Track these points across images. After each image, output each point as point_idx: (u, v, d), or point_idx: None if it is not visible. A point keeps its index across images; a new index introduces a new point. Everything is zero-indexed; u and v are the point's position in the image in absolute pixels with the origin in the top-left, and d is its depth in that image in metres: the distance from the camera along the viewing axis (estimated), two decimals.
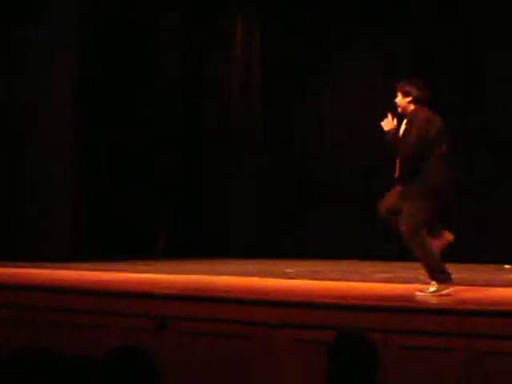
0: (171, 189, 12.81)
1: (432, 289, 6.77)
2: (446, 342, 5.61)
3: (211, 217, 12.41)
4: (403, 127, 7.06)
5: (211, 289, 7.62)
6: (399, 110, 7.13)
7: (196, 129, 12.88)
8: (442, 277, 6.78)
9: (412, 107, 7.04)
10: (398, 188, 7.02)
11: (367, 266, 10.10)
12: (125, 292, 7.23)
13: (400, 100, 7.08)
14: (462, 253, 10.16)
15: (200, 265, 10.46)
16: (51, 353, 3.94)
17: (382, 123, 7.03)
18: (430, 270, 6.86)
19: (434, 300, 6.48)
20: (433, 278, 6.82)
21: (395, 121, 7.02)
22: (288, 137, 12.24)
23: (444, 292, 6.70)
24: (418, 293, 6.82)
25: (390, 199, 7.10)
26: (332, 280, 8.29)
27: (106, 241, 11.98)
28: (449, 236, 7.07)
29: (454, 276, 6.81)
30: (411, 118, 7.02)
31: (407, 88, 7.06)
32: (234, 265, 10.50)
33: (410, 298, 6.59)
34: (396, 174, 6.99)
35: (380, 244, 10.47)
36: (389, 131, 7.00)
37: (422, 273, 8.80)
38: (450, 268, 6.81)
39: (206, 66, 12.89)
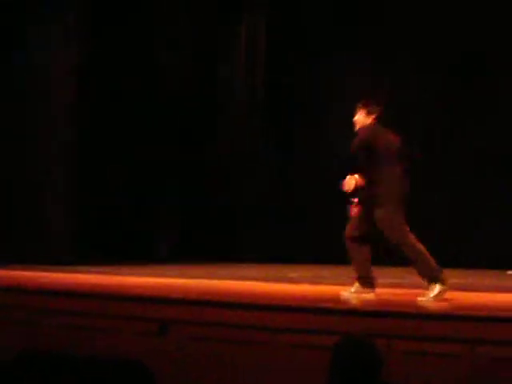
0: (173, 192, 12.78)
1: (432, 293, 6.74)
2: (450, 348, 5.57)
3: (215, 221, 12.39)
4: None
5: (213, 293, 7.59)
6: (357, 126, 7.19)
7: (198, 131, 12.85)
8: (440, 276, 6.77)
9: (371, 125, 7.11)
10: (359, 209, 7.06)
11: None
12: (127, 295, 7.21)
13: (361, 118, 7.13)
14: (464, 258, 10.22)
15: (203, 269, 10.44)
16: (55, 354, 3.95)
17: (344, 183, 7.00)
18: (427, 272, 6.80)
19: (437, 305, 6.46)
20: (431, 281, 6.77)
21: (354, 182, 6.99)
22: (293, 139, 12.22)
23: (444, 294, 6.71)
24: (420, 298, 6.78)
25: (354, 225, 7.13)
26: (335, 285, 8.25)
27: (108, 245, 11.98)
28: None
29: (457, 281, 6.80)
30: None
31: (370, 107, 7.13)
32: (237, 269, 10.48)
33: (415, 304, 6.55)
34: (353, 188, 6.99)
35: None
36: (347, 191, 7.00)
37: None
38: (453, 273, 6.79)
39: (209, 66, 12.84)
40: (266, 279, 8.87)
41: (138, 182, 12.54)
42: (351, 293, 7.14)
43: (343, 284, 8.26)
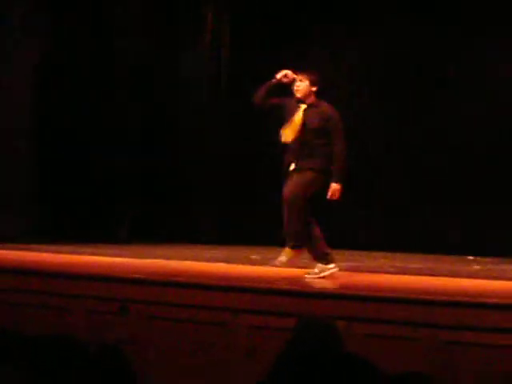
0: (135, 174, 12.64)
1: (317, 270, 7.09)
2: (411, 332, 5.60)
3: (177, 202, 12.30)
4: (301, 114, 7.17)
5: (176, 274, 7.58)
6: (298, 94, 7.24)
7: (162, 117, 12.72)
8: (326, 258, 7.10)
9: (313, 97, 7.21)
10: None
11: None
12: (89, 275, 7.17)
13: (305, 86, 7.17)
14: (425, 242, 10.28)
15: (166, 250, 10.40)
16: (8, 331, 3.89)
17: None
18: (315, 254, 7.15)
19: (392, 288, 6.52)
20: (317, 260, 7.14)
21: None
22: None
23: (328, 273, 7.03)
24: (306, 275, 7.12)
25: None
26: (298, 268, 8.26)
27: (69, 224, 11.94)
28: None
29: (418, 266, 6.84)
30: (314, 107, 7.19)
31: (315, 77, 7.23)
32: (200, 250, 10.44)
33: (376, 288, 6.57)
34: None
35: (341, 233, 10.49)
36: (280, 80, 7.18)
37: (385, 262, 8.89)
38: (416, 258, 6.84)
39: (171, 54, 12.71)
40: (227, 260, 8.84)
41: (98, 167, 12.42)
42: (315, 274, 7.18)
43: (304, 267, 8.29)
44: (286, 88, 7.34)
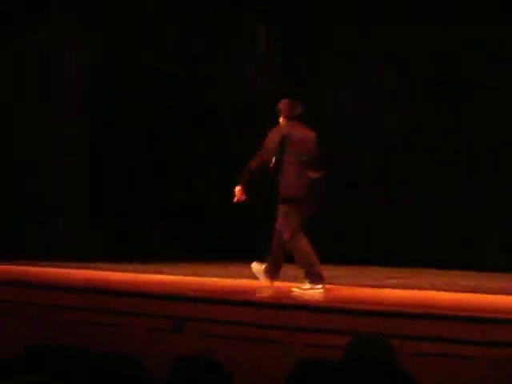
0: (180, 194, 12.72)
1: (306, 286, 7.50)
2: (463, 349, 5.63)
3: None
4: None
5: (228, 291, 7.70)
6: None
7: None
8: (316, 276, 7.53)
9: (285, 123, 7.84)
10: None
11: (375, 271, 10.21)
12: (143, 292, 7.30)
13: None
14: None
15: (218, 268, 10.45)
16: (64, 349, 4.02)
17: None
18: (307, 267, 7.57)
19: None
20: (307, 277, 7.55)
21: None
22: None
23: (316, 289, 7.46)
24: (295, 289, 7.56)
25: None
26: (344, 285, 8.32)
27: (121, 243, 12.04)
28: None
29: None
30: None
31: (279, 107, 7.87)
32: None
33: (425, 304, 6.62)
34: None
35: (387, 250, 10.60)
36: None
37: (431, 279, 8.90)
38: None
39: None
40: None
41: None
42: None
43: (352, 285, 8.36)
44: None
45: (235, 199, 7.85)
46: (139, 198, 12.23)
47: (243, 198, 7.83)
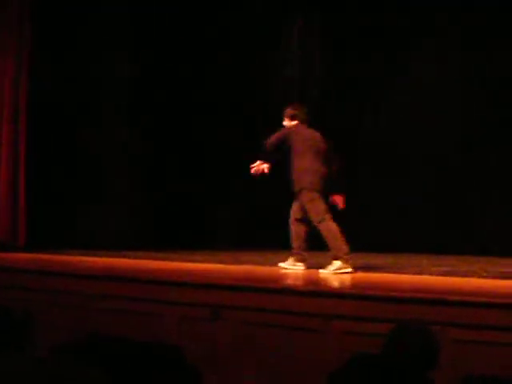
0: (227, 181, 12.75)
1: (333, 267, 7.89)
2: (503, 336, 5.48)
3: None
4: None
5: (263, 279, 7.60)
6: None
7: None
8: (343, 260, 7.91)
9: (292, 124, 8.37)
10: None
11: (422, 259, 10.08)
12: (180, 281, 7.23)
13: (286, 123, 8.40)
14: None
15: (254, 255, 10.45)
16: (117, 338, 3.98)
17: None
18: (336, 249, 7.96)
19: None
20: (336, 258, 7.94)
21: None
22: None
23: (343, 270, 7.85)
24: (321, 270, 7.96)
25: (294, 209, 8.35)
26: (388, 273, 8.21)
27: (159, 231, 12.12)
28: None
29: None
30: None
31: (291, 112, 8.42)
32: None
33: (472, 293, 6.45)
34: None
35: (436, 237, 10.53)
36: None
37: (479, 266, 8.78)
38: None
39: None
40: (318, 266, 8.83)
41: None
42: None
43: (395, 272, 8.26)
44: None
45: (252, 170, 8.25)
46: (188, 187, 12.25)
47: (261, 170, 8.26)
